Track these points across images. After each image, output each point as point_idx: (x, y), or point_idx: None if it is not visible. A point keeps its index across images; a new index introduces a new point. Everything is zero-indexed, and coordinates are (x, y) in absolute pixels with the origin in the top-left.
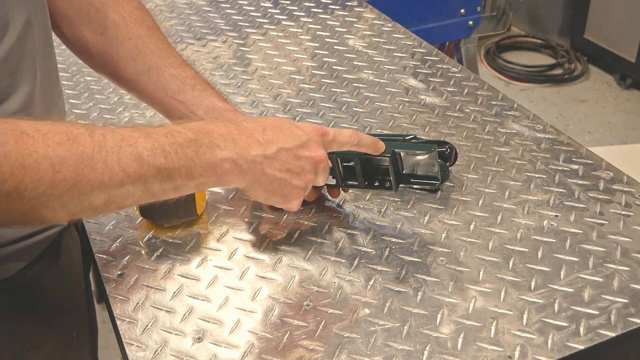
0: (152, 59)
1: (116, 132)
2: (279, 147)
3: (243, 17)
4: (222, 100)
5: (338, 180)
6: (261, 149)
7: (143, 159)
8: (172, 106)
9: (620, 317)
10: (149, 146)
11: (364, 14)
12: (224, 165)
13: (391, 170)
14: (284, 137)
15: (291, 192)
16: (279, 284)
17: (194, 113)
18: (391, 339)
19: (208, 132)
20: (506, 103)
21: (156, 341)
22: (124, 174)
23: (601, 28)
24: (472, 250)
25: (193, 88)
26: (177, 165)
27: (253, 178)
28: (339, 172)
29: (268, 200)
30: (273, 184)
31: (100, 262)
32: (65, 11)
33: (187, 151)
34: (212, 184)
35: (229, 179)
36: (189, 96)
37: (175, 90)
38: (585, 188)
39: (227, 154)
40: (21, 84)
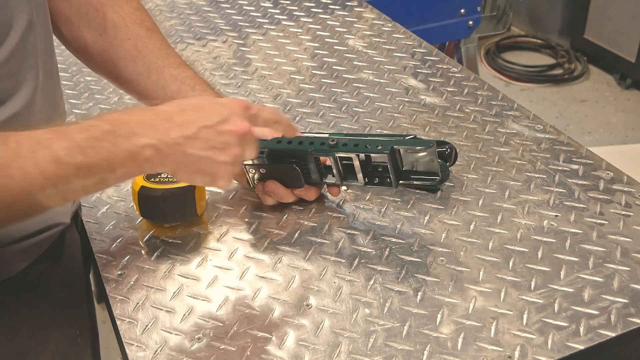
0: (152, 60)
1: (31, 137)
2: (199, 126)
3: (243, 17)
4: (220, 96)
5: (338, 179)
6: (180, 130)
7: (61, 159)
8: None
9: (620, 317)
10: (65, 145)
11: (364, 14)
12: (145, 153)
13: (390, 166)
14: (204, 115)
15: (218, 169)
16: (279, 284)
17: None
18: (391, 339)
19: (125, 122)
20: (506, 103)
21: (156, 341)
22: (43, 178)
23: (601, 28)
24: (472, 250)
25: (193, 88)
26: (97, 160)
27: (176, 161)
28: (339, 170)
29: (196, 180)
30: (198, 164)
31: (100, 262)
32: (65, 12)
33: (104, 144)
34: (136, 172)
35: (152, 165)
36: (189, 96)
37: (175, 91)
38: (585, 188)
39: (146, 140)
40: (23, 85)
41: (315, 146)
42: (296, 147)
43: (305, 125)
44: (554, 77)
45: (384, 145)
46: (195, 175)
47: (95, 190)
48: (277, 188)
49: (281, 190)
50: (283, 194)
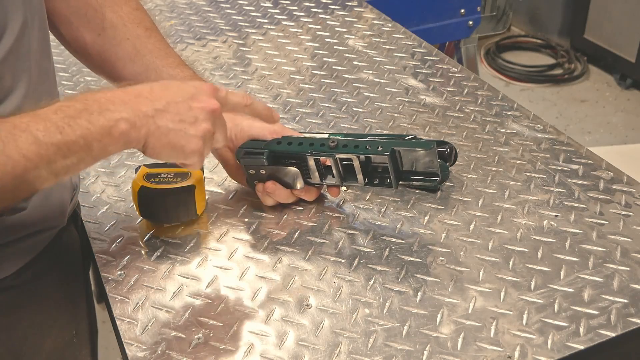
0: (150, 59)
1: (7, 122)
2: (168, 101)
3: (243, 17)
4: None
5: (338, 179)
6: (151, 104)
7: (40, 140)
8: None
9: (620, 317)
10: (42, 127)
11: (364, 14)
12: (120, 126)
13: (391, 168)
14: (172, 92)
15: (189, 142)
16: (279, 284)
17: None
18: (391, 339)
19: (96, 100)
20: (506, 103)
21: (156, 341)
22: (26, 160)
23: (601, 28)
24: (472, 250)
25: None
26: (75, 138)
27: (148, 132)
28: (339, 171)
29: (168, 156)
30: (168, 136)
31: (100, 262)
32: (63, 12)
33: (80, 122)
34: (113, 148)
35: (127, 138)
36: None
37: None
38: (585, 188)
39: (119, 114)
40: (15, 88)
41: (315, 147)
42: (296, 149)
43: (305, 125)
44: (554, 77)
45: (384, 146)
46: (166, 149)
47: (78, 169)
48: (277, 189)
49: (281, 191)
50: (283, 195)
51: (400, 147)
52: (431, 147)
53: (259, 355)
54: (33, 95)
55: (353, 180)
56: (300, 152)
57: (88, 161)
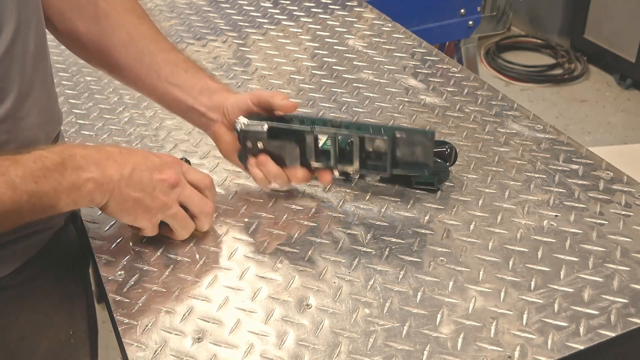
0: (144, 45)
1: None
2: (134, 167)
3: (243, 17)
4: (214, 81)
5: (333, 160)
6: (119, 168)
7: (16, 186)
8: (166, 90)
9: (620, 317)
10: (20, 173)
11: (364, 14)
12: (88, 185)
13: (389, 152)
14: (139, 159)
15: (145, 211)
16: (279, 284)
17: (188, 94)
18: (391, 339)
19: (72, 155)
20: (506, 103)
21: (156, 341)
22: (1, 203)
23: (601, 28)
24: (472, 250)
25: (186, 71)
26: (47, 189)
27: (112, 196)
28: (335, 150)
29: (122, 218)
30: (128, 202)
31: (100, 262)
32: (57, 4)
33: (54, 175)
34: (79, 202)
35: (92, 197)
36: (182, 78)
37: (169, 74)
38: (585, 188)
39: (89, 174)
40: (9, 90)
41: (317, 124)
42: (297, 126)
43: None
44: (554, 77)
45: (386, 129)
46: (124, 213)
47: (41, 217)
48: (269, 162)
49: (273, 166)
50: (274, 170)
51: (400, 131)
52: (430, 134)
53: (259, 355)
54: (30, 97)
55: (348, 163)
56: (301, 129)
57: (52, 212)
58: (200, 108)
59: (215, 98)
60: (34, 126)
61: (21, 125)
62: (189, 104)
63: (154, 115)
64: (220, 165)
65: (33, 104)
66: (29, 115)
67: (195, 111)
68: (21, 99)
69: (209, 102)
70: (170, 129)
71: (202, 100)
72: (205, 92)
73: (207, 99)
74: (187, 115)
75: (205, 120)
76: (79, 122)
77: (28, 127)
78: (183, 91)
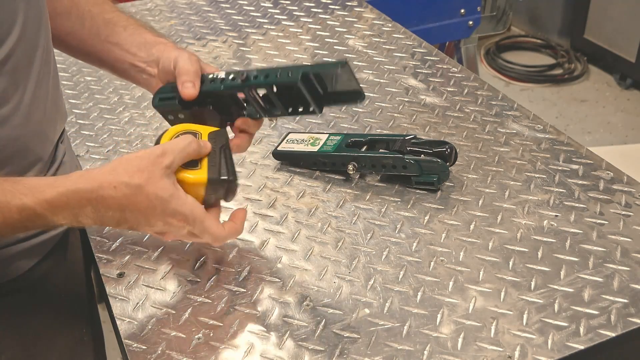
0: (86, 8)
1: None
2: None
3: (243, 17)
4: (155, 35)
5: (260, 111)
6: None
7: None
8: (106, 50)
9: (620, 317)
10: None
11: (364, 14)
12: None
13: (307, 93)
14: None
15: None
16: (279, 284)
17: (127, 51)
18: (391, 339)
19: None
20: (506, 103)
21: (156, 341)
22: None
23: (601, 28)
24: (472, 250)
25: (125, 28)
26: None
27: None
28: (257, 102)
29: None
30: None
31: (100, 262)
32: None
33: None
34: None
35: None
36: (122, 36)
37: (109, 33)
38: (585, 188)
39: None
40: (22, 83)
41: (225, 83)
42: (208, 87)
43: (305, 125)
44: (554, 77)
45: (294, 72)
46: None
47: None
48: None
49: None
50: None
51: (310, 70)
52: (343, 64)
53: (259, 355)
54: (38, 91)
55: (275, 110)
56: (212, 89)
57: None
58: (139, 64)
59: (153, 51)
60: (42, 121)
61: (32, 119)
62: (129, 60)
63: (154, 115)
64: None
65: (42, 98)
66: (38, 109)
67: (134, 67)
68: (32, 92)
69: (148, 56)
70: None
71: (141, 56)
72: (144, 47)
73: (146, 53)
74: (129, 75)
75: (145, 76)
76: (79, 122)
77: (38, 121)
78: (122, 49)
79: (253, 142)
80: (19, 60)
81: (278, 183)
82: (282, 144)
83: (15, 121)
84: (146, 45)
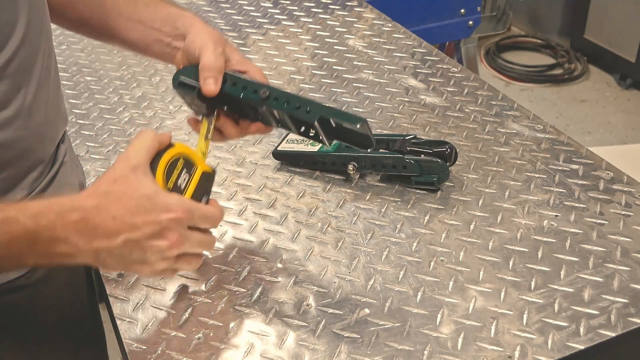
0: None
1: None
2: (125, 239)
3: (243, 17)
4: (178, 8)
5: (274, 123)
6: (105, 242)
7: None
8: (130, 28)
9: (620, 317)
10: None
11: (364, 14)
12: (62, 259)
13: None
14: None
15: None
16: (279, 284)
17: (152, 27)
18: (391, 339)
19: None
20: (506, 103)
21: (156, 341)
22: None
23: (601, 28)
24: (472, 250)
25: (147, 5)
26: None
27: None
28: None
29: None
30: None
31: None
32: None
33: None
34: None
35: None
36: (145, 13)
37: (131, 11)
38: (585, 188)
39: (66, 249)
40: (23, 85)
41: (246, 94)
42: (228, 89)
43: None
44: (554, 77)
45: (313, 110)
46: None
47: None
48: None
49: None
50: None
51: (329, 115)
52: (362, 122)
53: (259, 355)
54: (40, 92)
55: (287, 128)
56: (231, 93)
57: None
58: (164, 38)
59: (178, 24)
60: (43, 123)
61: (33, 122)
62: (154, 36)
63: (154, 115)
64: (221, 165)
65: (44, 100)
66: (39, 111)
67: (159, 42)
68: (33, 95)
69: (172, 29)
70: (170, 129)
71: (166, 30)
72: (168, 20)
73: (170, 26)
74: (153, 51)
75: (169, 50)
76: (79, 122)
77: (39, 123)
78: (146, 25)
79: (253, 142)
80: (21, 64)
81: (278, 183)
82: (282, 144)
83: (17, 124)
84: (170, 19)
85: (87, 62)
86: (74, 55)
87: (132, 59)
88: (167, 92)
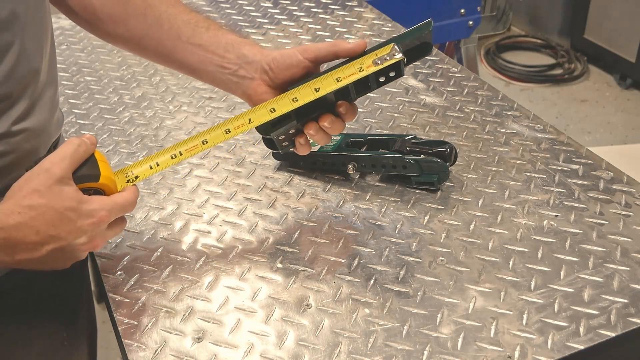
0: (162, 9)
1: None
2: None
3: (243, 17)
4: (238, 35)
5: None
6: (28, 254)
7: None
8: (189, 51)
9: (620, 317)
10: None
11: (364, 14)
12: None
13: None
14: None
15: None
16: (279, 284)
17: (214, 53)
18: (391, 339)
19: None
20: (506, 103)
21: (156, 341)
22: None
23: (601, 28)
24: (472, 250)
25: (207, 29)
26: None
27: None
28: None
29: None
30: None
31: (100, 262)
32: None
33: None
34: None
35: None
36: (205, 37)
37: (190, 34)
38: (585, 188)
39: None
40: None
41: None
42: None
43: None
44: (554, 77)
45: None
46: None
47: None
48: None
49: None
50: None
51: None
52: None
53: (259, 355)
54: (43, 92)
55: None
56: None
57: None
58: (229, 65)
59: (244, 52)
60: (43, 123)
61: (33, 123)
62: (216, 62)
63: (154, 115)
64: (220, 165)
65: (44, 103)
66: (41, 112)
67: (222, 69)
68: (37, 95)
69: (237, 57)
70: (170, 129)
71: (230, 57)
72: (231, 48)
73: (234, 54)
74: (214, 77)
75: (234, 79)
76: (79, 122)
77: (39, 125)
78: (207, 50)
79: (253, 142)
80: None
81: (278, 183)
82: None
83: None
84: (233, 47)
85: (87, 62)
86: (74, 55)
87: (132, 59)
88: (167, 92)
